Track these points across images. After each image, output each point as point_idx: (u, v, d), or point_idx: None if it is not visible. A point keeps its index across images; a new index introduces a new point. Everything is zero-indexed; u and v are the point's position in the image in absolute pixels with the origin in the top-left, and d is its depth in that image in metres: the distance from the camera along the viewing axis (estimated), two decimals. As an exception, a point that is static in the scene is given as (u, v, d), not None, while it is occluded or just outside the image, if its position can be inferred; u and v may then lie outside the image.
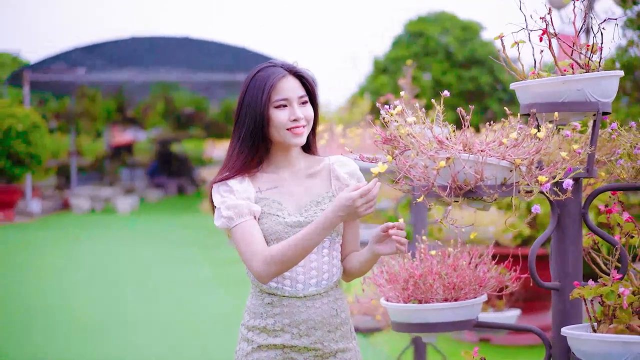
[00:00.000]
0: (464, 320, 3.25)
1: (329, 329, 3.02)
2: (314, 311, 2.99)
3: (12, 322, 8.55)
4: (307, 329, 2.98)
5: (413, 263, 3.34)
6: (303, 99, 3.03)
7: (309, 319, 2.98)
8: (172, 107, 27.94)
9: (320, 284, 3.01)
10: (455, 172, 2.73)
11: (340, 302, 3.07)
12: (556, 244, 3.10)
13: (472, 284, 3.27)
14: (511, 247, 6.60)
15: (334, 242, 3.04)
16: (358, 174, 3.12)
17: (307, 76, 3.07)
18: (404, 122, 2.82)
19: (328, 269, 3.03)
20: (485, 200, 2.79)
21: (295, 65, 3.09)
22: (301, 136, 3.01)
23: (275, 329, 2.99)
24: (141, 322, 8.74)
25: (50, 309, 9.24)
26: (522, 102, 3.06)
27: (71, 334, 8.07)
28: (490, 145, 2.77)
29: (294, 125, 2.99)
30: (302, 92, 3.03)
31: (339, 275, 3.08)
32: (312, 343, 3.00)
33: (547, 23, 2.99)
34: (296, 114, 2.98)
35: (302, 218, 2.99)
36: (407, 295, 3.28)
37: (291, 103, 3.00)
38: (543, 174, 2.75)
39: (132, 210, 22.98)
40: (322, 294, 3.01)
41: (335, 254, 3.06)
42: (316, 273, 3.01)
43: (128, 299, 10.01)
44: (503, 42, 3.08)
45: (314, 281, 3.00)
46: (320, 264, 3.01)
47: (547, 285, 3.05)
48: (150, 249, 14.77)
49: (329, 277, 3.03)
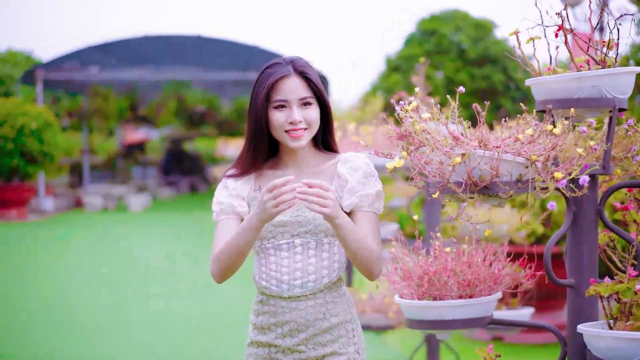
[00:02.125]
0: (478, 318, 3.24)
1: (314, 332, 2.93)
2: (297, 313, 2.92)
3: (19, 321, 8.56)
4: (289, 330, 2.93)
5: (427, 260, 3.33)
6: (305, 101, 2.94)
7: (292, 320, 2.92)
8: (184, 105, 27.97)
9: (306, 286, 2.92)
10: (470, 169, 2.72)
11: (331, 306, 2.95)
12: (572, 241, 3.08)
13: (486, 281, 3.26)
14: (525, 245, 6.57)
15: (321, 244, 2.93)
16: (364, 169, 2.98)
17: (312, 76, 2.96)
18: (418, 118, 2.81)
19: (315, 270, 2.93)
20: (500, 196, 2.78)
21: (305, 62, 3.00)
22: (300, 139, 2.93)
23: (263, 327, 2.97)
24: (145, 320, 8.76)
25: (56, 308, 9.27)
26: (537, 99, 3.04)
27: (74, 333, 8.09)
28: (506, 142, 2.76)
29: (291, 128, 2.92)
30: (305, 92, 2.94)
31: (332, 278, 2.96)
32: (295, 345, 2.93)
33: (562, 19, 2.98)
34: (293, 117, 2.91)
35: (287, 217, 2.92)
36: (421, 292, 3.27)
37: (290, 105, 2.92)
38: (559, 171, 2.74)
39: (144, 209, 23.02)
40: (307, 296, 2.92)
41: (326, 255, 2.95)
42: (301, 274, 2.92)
43: (136, 298, 10.01)
44: (518, 39, 3.07)
45: (298, 282, 2.92)
46: (305, 265, 2.92)
47: (563, 282, 3.04)
48: (162, 247, 14.78)
49: (316, 280, 2.93)
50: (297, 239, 2.92)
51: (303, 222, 2.91)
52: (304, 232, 2.92)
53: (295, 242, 2.92)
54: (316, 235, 2.92)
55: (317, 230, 2.91)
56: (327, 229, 2.91)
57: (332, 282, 2.96)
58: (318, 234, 2.91)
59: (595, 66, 2.97)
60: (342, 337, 2.97)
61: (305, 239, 2.92)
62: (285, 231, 2.93)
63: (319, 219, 2.89)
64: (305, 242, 2.92)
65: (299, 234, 2.92)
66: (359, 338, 3.04)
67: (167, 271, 12.13)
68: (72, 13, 79.75)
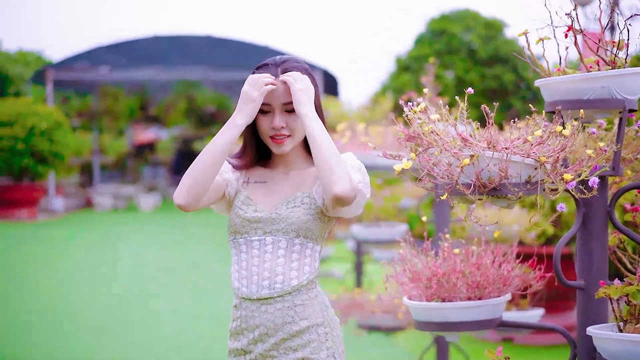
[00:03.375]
0: (487, 319, 3.22)
1: (283, 337, 2.83)
2: (266, 317, 2.83)
3: (20, 321, 8.57)
4: (260, 335, 2.85)
5: (436, 261, 3.31)
6: (289, 107, 2.86)
7: (261, 324, 2.84)
8: (194, 105, 28.00)
9: (273, 287, 2.83)
10: (479, 170, 2.70)
11: (300, 309, 2.85)
12: (581, 243, 3.07)
13: (496, 283, 3.24)
14: (535, 246, 6.55)
15: (292, 244, 2.85)
16: (348, 161, 2.88)
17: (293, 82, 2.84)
18: (427, 120, 2.79)
19: (283, 271, 2.83)
20: (509, 198, 2.76)
21: (294, 65, 2.91)
22: (282, 145, 2.89)
23: (237, 332, 2.91)
24: (145, 320, 8.76)
25: (57, 308, 9.27)
26: (546, 100, 3.03)
27: (74, 333, 8.09)
28: (515, 143, 2.74)
29: (274, 134, 2.87)
30: (290, 97, 2.84)
31: (301, 281, 2.85)
32: (267, 350, 2.85)
33: (572, 19, 2.96)
34: (274, 123, 2.86)
35: (261, 214, 2.87)
36: (430, 294, 3.26)
37: (273, 109, 2.87)
38: (568, 172, 2.72)
39: (154, 208, 23.06)
40: (275, 298, 2.83)
41: (296, 257, 2.85)
42: (269, 275, 2.84)
43: (138, 298, 10.02)
44: (527, 39, 3.05)
45: (266, 283, 2.83)
46: (273, 265, 2.84)
47: (572, 284, 3.02)
48: (168, 248, 14.79)
49: (284, 281, 2.83)
50: (268, 237, 2.86)
51: (276, 219, 2.85)
52: (275, 230, 2.85)
53: (266, 239, 2.86)
54: (287, 234, 2.84)
55: (289, 229, 2.84)
56: (298, 229, 2.84)
57: (301, 285, 2.85)
58: (289, 232, 2.84)
59: (605, 67, 2.95)
60: (314, 341, 2.85)
61: (277, 237, 2.85)
62: (259, 227, 2.87)
63: (292, 218, 2.84)
64: (276, 240, 2.85)
65: (271, 231, 2.85)
66: (334, 342, 2.91)
67: (170, 271, 12.13)
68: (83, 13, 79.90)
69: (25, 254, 13.60)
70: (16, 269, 12.16)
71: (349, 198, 2.71)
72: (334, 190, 2.69)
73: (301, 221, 2.84)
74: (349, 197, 2.71)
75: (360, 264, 8.87)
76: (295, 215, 2.84)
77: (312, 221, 2.85)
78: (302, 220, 2.84)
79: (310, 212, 2.86)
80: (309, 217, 2.85)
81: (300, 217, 2.84)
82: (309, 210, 2.86)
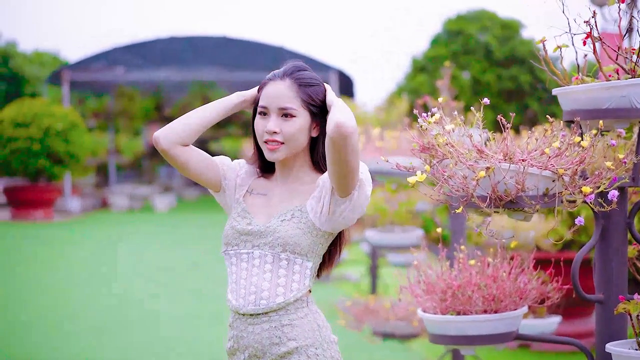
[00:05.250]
0: (504, 333, 3.17)
1: (271, 358, 2.71)
2: (254, 337, 2.72)
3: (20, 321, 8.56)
4: (249, 357, 2.74)
5: (451, 273, 3.25)
6: (285, 112, 2.72)
7: (250, 345, 2.73)
8: (210, 106, 27.97)
9: (258, 303, 2.71)
10: (495, 183, 2.64)
11: (287, 329, 2.71)
12: (600, 255, 3.00)
13: (512, 296, 3.18)
14: (552, 252, 6.46)
15: (278, 259, 2.72)
16: None
17: (302, 87, 2.74)
18: (442, 130, 2.73)
19: (269, 287, 2.71)
20: (526, 211, 2.70)
21: (303, 74, 2.77)
22: (274, 152, 2.74)
23: (232, 353, 2.81)
24: (145, 320, 8.73)
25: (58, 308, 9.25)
26: (564, 108, 2.96)
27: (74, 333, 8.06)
28: (532, 154, 2.67)
29: (267, 139, 2.73)
30: (288, 103, 2.71)
31: (287, 299, 2.70)
32: None
33: (591, 27, 2.89)
34: (267, 126, 2.72)
35: (252, 226, 2.77)
36: (444, 307, 3.20)
37: (269, 112, 2.74)
38: (587, 184, 2.66)
39: (170, 209, 23.05)
40: (261, 317, 2.71)
41: (283, 272, 2.71)
42: (255, 289, 2.71)
43: (140, 298, 9.99)
44: (545, 46, 2.99)
45: (252, 298, 2.71)
46: (260, 280, 2.72)
47: (591, 298, 2.96)
48: (186, 247, 14.77)
49: (269, 297, 2.70)
50: (256, 251, 2.75)
51: (264, 232, 2.74)
52: (263, 244, 2.74)
53: (254, 253, 2.75)
54: (273, 248, 2.71)
55: (276, 243, 2.71)
56: (285, 243, 2.70)
57: (288, 303, 2.71)
58: (276, 247, 2.71)
59: (624, 75, 2.88)
60: None
61: (264, 252, 2.73)
62: (248, 240, 2.77)
63: (280, 232, 2.71)
64: (263, 254, 2.73)
65: (259, 245, 2.74)
66: None
67: (172, 272, 12.10)
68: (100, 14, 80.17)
69: (30, 255, 13.60)
70: (17, 269, 12.15)
71: (348, 128, 2.51)
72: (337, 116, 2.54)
73: (288, 235, 2.70)
74: (349, 127, 2.51)
75: (374, 268, 8.81)
76: (283, 229, 2.72)
77: (300, 236, 2.71)
78: (289, 235, 2.70)
79: (300, 227, 2.72)
80: (297, 231, 2.71)
81: (287, 232, 2.71)
82: (298, 225, 2.72)
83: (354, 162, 2.57)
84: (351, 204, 2.68)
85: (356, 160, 2.58)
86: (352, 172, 2.59)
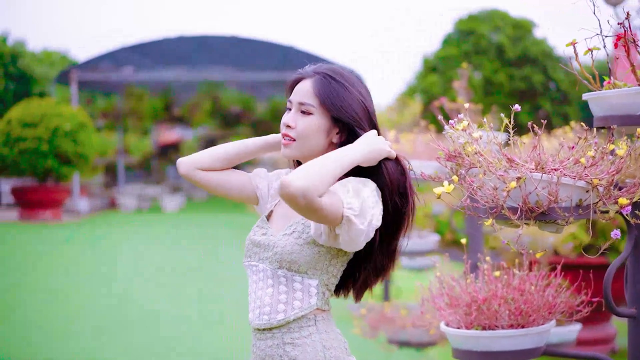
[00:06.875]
0: (532, 349, 3.03)
1: None
2: (261, 352, 2.61)
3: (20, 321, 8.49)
4: None
5: (476, 285, 3.12)
6: (302, 107, 2.60)
7: (260, 359, 2.62)
8: (219, 105, 27.91)
9: (262, 318, 2.59)
10: (526, 194, 2.50)
11: (289, 348, 2.57)
12: (632, 269, 2.86)
13: (540, 310, 3.04)
14: (571, 257, 6.32)
15: (276, 275, 2.57)
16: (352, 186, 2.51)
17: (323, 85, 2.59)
18: (469, 138, 2.59)
19: (270, 302, 2.59)
20: (558, 223, 2.55)
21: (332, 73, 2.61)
22: (287, 147, 2.62)
23: None
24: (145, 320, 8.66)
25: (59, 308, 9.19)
26: (596, 114, 2.82)
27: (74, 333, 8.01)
28: (565, 164, 2.53)
29: (283, 133, 2.63)
30: (306, 99, 2.59)
31: (287, 316, 2.57)
32: None
33: (625, 28, 2.75)
34: (285, 119, 2.62)
35: (260, 238, 2.65)
36: (469, 321, 3.06)
37: (292, 107, 2.63)
38: (623, 195, 2.52)
39: (178, 209, 22.96)
40: (265, 333, 2.60)
41: (283, 289, 2.57)
42: (260, 304, 2.60)
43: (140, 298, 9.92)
44: (575, 50, 2.85)
45: (257, 312, 2.61)
46: (263, 294, 2.60)
47: (623, 312, 2.82)
48: (195, 248, 14.68)
49: (271, 313, 2.58)
50: (260, 264, 2.62)
51: (268, 245, 2.61)
52: (265, 258, 2.61)
53: (259, 266, 2.63)
54: (272, 263, 2.58)
55: (274, 258, 2.57)
56: (281, 259, 2.56)
57: (289, 321, 2.58)
58: (274, 262, 2.57)
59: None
60: None
61: (265, 266, 2.60)
62: (256, 252, 2.65)
63: (278, 246, 2.57)
64: (265, 269, 2.60)
65: (263, 258, 2.62)
66: None
67: (175, 272, 12.02)
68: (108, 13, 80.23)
69: (38, 256, 13.53)
70: (24, 270, 12.09)
71: (291, 190, 2.29)
72: (291, 174, 2.33)
73: (285, 251, 2.55)
74: (292, 189, 2.29)
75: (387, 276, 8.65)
76: (281, 244, 2.57)
77: (298, 252, 2.54)
78: (286, 251, 2.55)
79: (299, 242, 2.55)
80: (295, 247, 2.55)
81: (285, 247, 2.56)
82: (297, 240, 2.56)
83: (314, 219, 2.40)
84: (344, 233, 2.46)
85: (317, 218, 2.39)
86: (321, 221, 2.42)
